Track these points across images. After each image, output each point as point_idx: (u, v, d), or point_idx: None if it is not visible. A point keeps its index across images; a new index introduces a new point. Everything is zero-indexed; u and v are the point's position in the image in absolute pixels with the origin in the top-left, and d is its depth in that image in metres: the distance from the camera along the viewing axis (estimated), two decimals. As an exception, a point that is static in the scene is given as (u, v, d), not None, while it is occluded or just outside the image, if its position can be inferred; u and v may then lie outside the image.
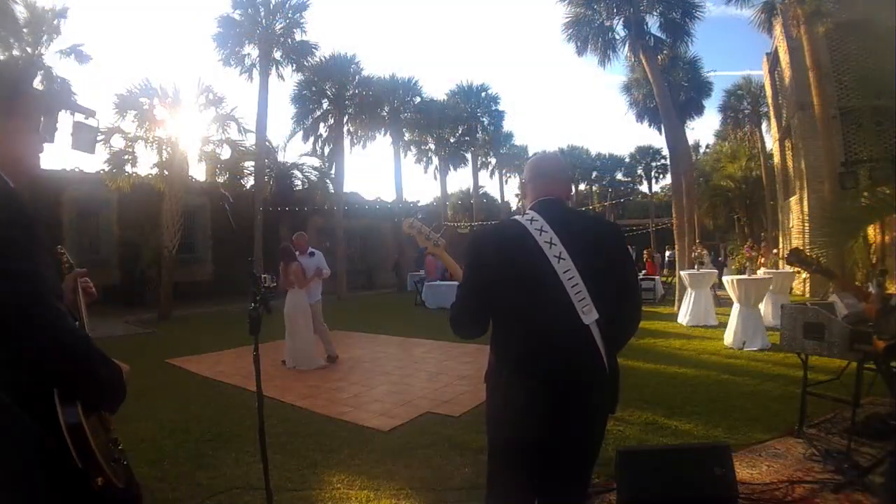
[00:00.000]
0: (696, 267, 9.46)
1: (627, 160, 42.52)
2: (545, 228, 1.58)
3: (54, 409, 1.01)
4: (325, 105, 21.69)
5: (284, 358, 6.40)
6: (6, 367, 0.98)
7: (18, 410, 0.96)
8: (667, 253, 24.76)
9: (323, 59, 19.59)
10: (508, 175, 35.68)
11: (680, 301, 9.75)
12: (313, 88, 21.10)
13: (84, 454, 1.02)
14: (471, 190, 35.04)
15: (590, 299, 1.52)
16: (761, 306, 7.37)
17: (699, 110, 20.15)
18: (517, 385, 1.53)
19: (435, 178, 28.41)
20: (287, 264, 6.32)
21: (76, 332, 1.07)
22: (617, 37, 12.70)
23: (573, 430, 1.54)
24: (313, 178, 21.76)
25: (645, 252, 17.24)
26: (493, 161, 32.74)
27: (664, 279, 14.64)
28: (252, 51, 16.86)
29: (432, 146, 27.25)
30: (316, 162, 22.00)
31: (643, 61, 12.23)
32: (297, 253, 6.52)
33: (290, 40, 17.14)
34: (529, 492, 1.61)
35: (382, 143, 26.97)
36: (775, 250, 11.90)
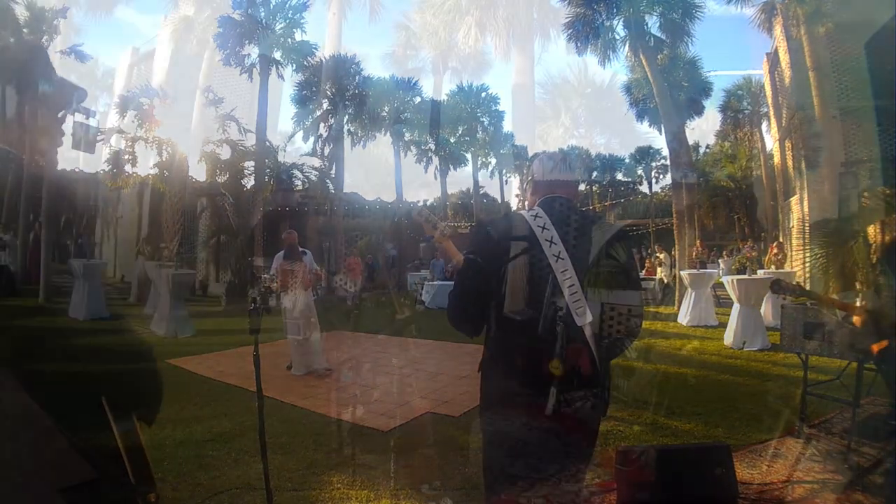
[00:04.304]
0: (696, 267, 9.47)
1: (627, 160, 42.52)
2: (547, 226, 1.57)
3: (102, 423, 0.87)
4: (325, 105, 21.68)
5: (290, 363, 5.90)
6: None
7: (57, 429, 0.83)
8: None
9: (323, 59, 19.61)
10: (508, 175, 35.62)
11: (680, 301, 9.75)
12: (313, 88, 21.09)
13: (139, 468, 0.92)
14: (471, 190, 35.02)
15: (584, 301, 1.51)
16: (761, 306, 7.37)
17: (699, 110, 20.17)
18: (510, 379, 1.54)
19: (435, 178, 28.40)
20: (293, 263, 5.70)
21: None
22: (617, 37, 12.74)
23: (563, 427, 1.53)
24: (313, 178, 21.73)
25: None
26: (493, 161, 32.70)
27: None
28: (252, 51, 16.85)
29: (432, 146, 27.24)
30: (316, 162, 21.97)
31: (643, 61, 12.24)
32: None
33: (290, 40, 17.13)
34: (523, 485, 1.61)
35: (382, 142, 26.91)
36: (775, 250, 11.89)
